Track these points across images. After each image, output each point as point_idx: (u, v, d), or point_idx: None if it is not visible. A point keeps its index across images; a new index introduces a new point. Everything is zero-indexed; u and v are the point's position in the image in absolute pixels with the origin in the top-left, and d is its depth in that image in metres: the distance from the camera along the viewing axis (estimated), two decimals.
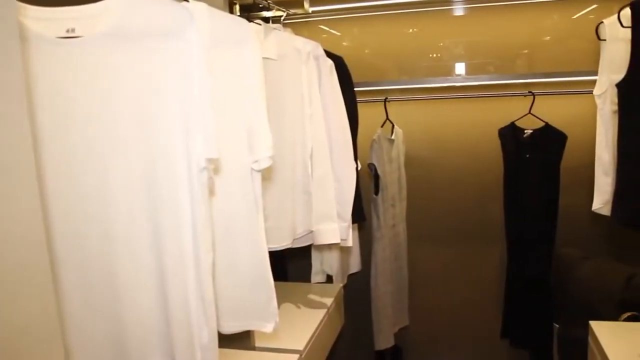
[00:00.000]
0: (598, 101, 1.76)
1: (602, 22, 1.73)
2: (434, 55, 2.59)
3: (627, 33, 1.69)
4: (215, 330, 1.10)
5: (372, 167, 2.26)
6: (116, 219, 1.01)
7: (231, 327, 1.28)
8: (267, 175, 1.58)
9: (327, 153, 1.81)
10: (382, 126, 2.36)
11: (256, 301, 1.29)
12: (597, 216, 2.33)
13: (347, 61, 2.11)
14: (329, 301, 2.00)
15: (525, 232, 2.39)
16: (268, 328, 1.30)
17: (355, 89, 2.15)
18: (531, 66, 2.52)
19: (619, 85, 1.50)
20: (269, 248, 1.30)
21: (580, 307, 2.30)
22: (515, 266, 2.45)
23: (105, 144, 1.00)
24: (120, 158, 1.00)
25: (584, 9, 2.45)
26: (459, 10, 2.55)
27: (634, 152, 1.47)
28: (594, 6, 2.46)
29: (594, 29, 2.35)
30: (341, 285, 2.19)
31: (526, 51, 2.51)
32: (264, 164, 1.24)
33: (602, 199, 1.78)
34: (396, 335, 2.47)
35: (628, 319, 2.02)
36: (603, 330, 1.70)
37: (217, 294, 1.16)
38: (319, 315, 1.87)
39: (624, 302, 2.17)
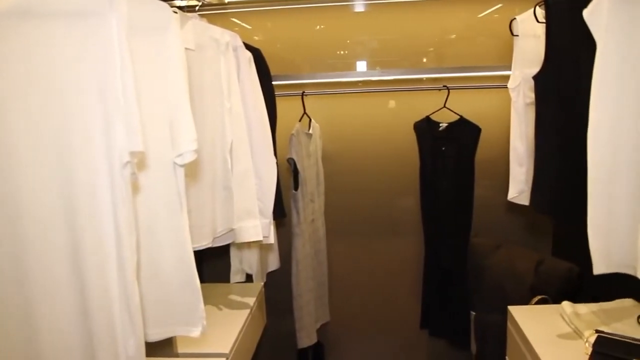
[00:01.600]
0: (512, 94, 1.83)
1: (514, 18, 1.80)
2: (346, 51, 2.59)
3: (538, 29, 1.77)
4: (143, 339, 1.02)
5: (291, 162, 2.22)
6: (27, 219, 0.90)
7: (156, 335, 1.19)
8: (185, 171, 1.50)
9: (247, 148, 1.75)
10: (300, 120, 2.33)
11: (182, 305, 1.21)
12: (511, 205, 2.45)
13: None
14: (251, 301, 1.94)
15: (441, 223, 2.46)
16: (195, 333, 1.23)
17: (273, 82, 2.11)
18: (443, 62, 2.60)
19: (535, 78, 1.57)
20: None
21: (494, 293, 2.40)
22: (433, 257, 2.52)
23: (15, 134, 0.88)
24: (31, 150, 0.89)
25: (489, 8, 2.56)
26: (371, 5, 2.57)
27: (549, 142, 1.54)
28: (499, 5, 2.57)
29: (499, 27, 2.47)
30: (262, 284, 2.14)
31: (433, 48, 2.58)
32: (188, 159, 1.16)
33: (517, 189, 1.86)
34: (318, 331, 2.45)
35: (539, 302, 2.13)
36: (520, 314, 1.78)
37: (140, 299, 1.07)
38: (242, 316, 1.81)
39: (534, 286, 2.29)
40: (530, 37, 1.81)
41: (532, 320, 1.73)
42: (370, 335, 2.81)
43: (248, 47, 1.83)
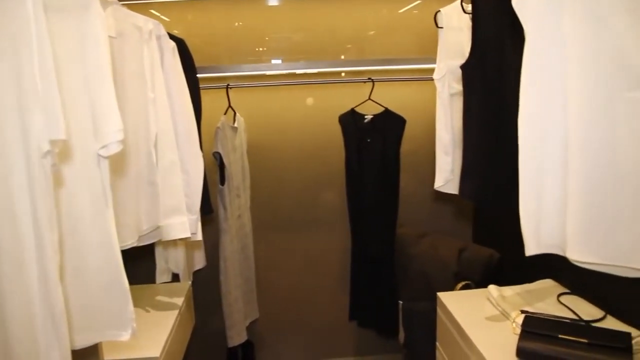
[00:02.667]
0: (438, 85, 1.87)
1: (439, 10, 1.84)
2: (270, 44, 2.55)
3: (461, 21, 1.82)
4: (69, 349, 0.93)
5: (217, 156, 2.15)
6: None
7: (82, 341, 1.10)
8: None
9: (173, 141, 1.67)
10: (225, 114, 2.26)
11: (110, 308, 1.12)
12: (437, 195, 2.50)
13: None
14: (179, 301, 1.86)
15: (367, 214, 2.48)
16: (125, 336, 1.15)
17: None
18: (365, 55, 2.62)
19: (462, 67, 1.61)
20: None
21: (420, 281, 2.45)
22: (360, 249, 2.53)
23: None
24: None
25: (410, 4, 2.60)
26: None
27: (476, 130, 1.58)
28: (418, 2, 2.62)
29: (419, 22, 2.52)
30: (189, 283, 2.05)
31: (356, 42, 2.60)
32: (113, 150, 1.08)
33: (443, 178, 1.90)
34: (247, 329, 2.40)
35: (463, 288, 2.19)
36: (449, 300, 1.82)
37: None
38: (171, 317, 1.72)
39: (458, 273, 2.36)
40: (454, 29, 1.85)
41: (461, 305, 1.77)
42: (300, 330, 2.79)
43: (171, 37, 1.74)
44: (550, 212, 1.19)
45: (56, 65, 0.87)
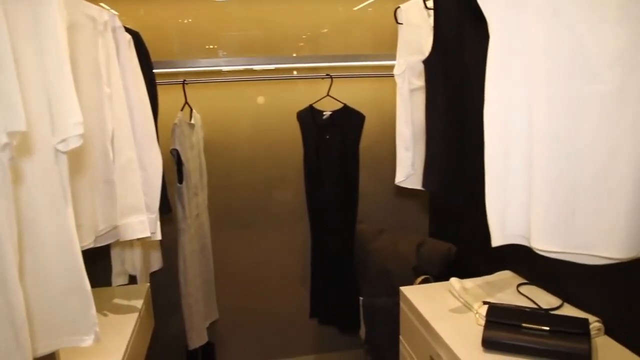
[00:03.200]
0: (398, 80, 1.88)
1: (399, 7, 1.84)
2: (226, 40, 2.50)
3: (420, 18, 1.84)
4: (30, 358, 0.87)
5: (174, 154, 2.09)
6: None
7: (43, 348, 1.04)
8: None
9: (130, 137, 1.61)
10: (181, 110, 2.20)
11: (71, 312, 1.06)
12: (397, 190, 2.52)
13: None
14: (138, 304, 1.79)
15: (327, 211, 2.47)
16: (87, 342, 1.09)
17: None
18: (321, 52, 2.60)
19: (425, 62, 1.62)
20: None
21: (380, 277, 2.46)
22: (320, 246, 2.52)
23: None
24: None
25: (364, 2, 2.61)
26: None
27: (439, 124, 1.59)
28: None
29: (373, 19, 2.53)
30: (148, 284, 1.99)
31: (313, 38, 2.59)
32: (73, 144, 1.02)
33: (404, 173, 1.91)
34: (207, 330, 2.35)
35: (422, 282, 2.22)
36: (412, 294, 1.83)
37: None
38: (130, 320, 1.66)
39: (417, 267, 2.38)
40: (413, 25, 1.86)
41: (424, 299, 1.79)
42: (260, 330, 2.76)
43: (126, 29, 1.68)
44: (515, 203, 1.21)
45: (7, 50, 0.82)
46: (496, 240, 1.25)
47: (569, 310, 1.61)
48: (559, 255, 1.17)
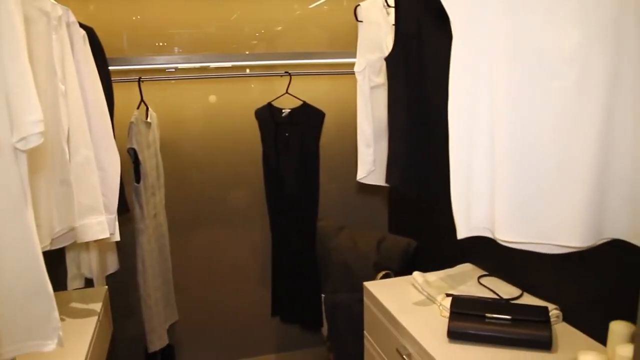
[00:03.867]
0: (359, 77, 1.89)
1: (359, 5, 1.85)
2: (183, 37, 2.46)
3: (379, 15, 1.86)
4: None
5: (131, 153, 2.04)
6: None
7: (5, 354, 0.99)
8: None
9: (87, 136, 1.56)
10: (137, 108, 2.14)
11: (34, 316, 1.02)
12: (358, 187, 2.53)
13: None
14: (97, 307, 1.74)
15: (287, 209, 2.46)
16: (51, 346, 1.05)
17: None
18: (276, 49, 2.59)
19: (386, 59, 1.63)
20: None
21: (341, 273, 2.48)
22: (280, 244, 2.51)
23: None
24: None
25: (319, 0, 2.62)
26: None
27: (401, 120, 1.61)
28: None
29: (330, 17, 2.54)
30: (106, 287, 1.93)
31: (268, 35, 2.58)
32: (33, 142, 0.99)
33: (365, 169, 1.92)
34: (167, 332, 2.30)
35: (383, 277, 2.24)
36: (376, 289, 1.85)
37: None
38: (90, 324, 1.61)
39: (377, 263, 2.41)
40: (373, 23, 1.88)
41: (388, 293, 1.81)
42: (221, 330, 2.73)
43: (80, 25, 1.62)
44: (479, 197, 1.24)
45: None
46: (461, 233, 1.27)
47: (528, 300, 1.66)
48: (521, 246, 1.20)
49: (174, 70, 2.34)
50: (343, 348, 2.51)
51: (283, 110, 2.38)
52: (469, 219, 1.26)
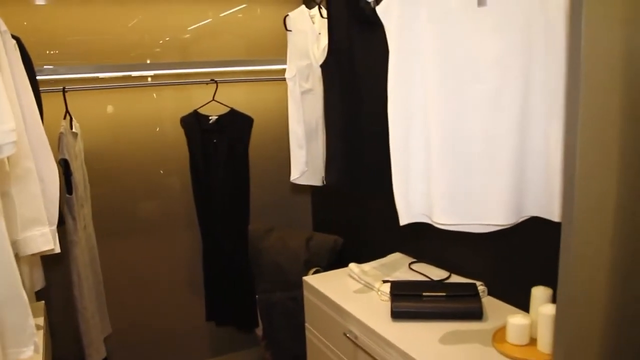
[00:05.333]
0: (289, 83, 1.99)
1: (288, 15, 1.96)
2: (100, 45, 2.42)
3: (305, 24, 1.98)
4: None
5: (62, 163, 2.00)
6: None
7: None
8: None
9: (26, 146, 1.53)
10: (64, 118, 2.11)
11: (11, 323, 1.03)
12: (280, 190, 2.62)
13: None
14: (40, 321, 1.70)
15: (217, 214, 2.50)
16: (27, 353, 1.06)
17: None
18: (189, 57, 2.63)
19: (322, 67, 1.75)
20: None
21: (274, 273, 2.57)
22: (212, 249, 2.55)
23: None
24: None
25: (234, 7, 2.70)
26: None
27: (336, 125, 1.74)
28: (243, 6, 2.73)
29: (242, 24, 2.63)
30: (43, 302, 1.88)
31: (181, 43, 2.62)
32: (7, 152, 1.00)
33: (298, 170, 2.02)
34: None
35: (314, 274, 2.36)
36: (316, 282, 1.97)
37: None
38: (38, 339, 1.57)
39: (307, 260, 2.53)
40: (301, 32, 2.00)
41: (328, 285, 1.93)
42: (155, 340, 2.71)
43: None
44: (418, 187, 1.39)
45: None
46: (403, 220, 1.41)
47: (456, 279, 1.86)
48: (456, 227, 1.36)
49: (100, 78, 2.31)
50: (279, 344, 2.59)
51: (210, 117, 2.43)
52: (409, 207, 1.41)
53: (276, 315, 2.57)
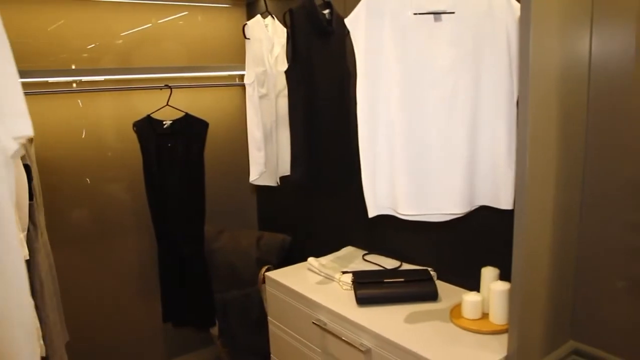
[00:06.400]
0: (248, 89, 2.10)
1: (246, 23, 2.07)
2: (44, 50, 2.41)
3: (262, 33, 2.11)
4: None
5: (25, 168, 1.99)
6: None
7: None
8: None
9: None
10: None
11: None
12: (229, 192, 2.71)
13: None
14: None
15: (173, 217, 2.53)
16: None
17: None
18: (132, 63, 2.65)
19: (286, 73, 1.88)
20: None
21: (228, 272, 2.67)
22: (167, 252, 2.57)
23: None
24: None
25: (175, 14, 2.76)
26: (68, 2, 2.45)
27: (300, 128, 1.87)
28: (185, 13, 2.80)
29: (182, 31, 2.70)
30: None
31: (121, 49, 2.65)
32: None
33: (257, 171, 2.14)
34: None
35: (266, 272, 2.47)
36: (278, 276, 2.09)
37: None
38: None
39: (259, 258, 2.64)
40: (257, 40, 2.11)
41: (290, 279, 2.05)
42: (113, 345, 2.71)
43: None
44: (383, 181, 1.54)
45: None
46: (371, 212, 1.56)
47: (407, 267, 2.04)
48: (418, 217, 1.53)
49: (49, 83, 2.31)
50: (235, 341, 2.69)
51: (164, 122, 2.47)
52: (375, 200, 1.56)
53: (232, 313, 2.67)
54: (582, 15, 1.40)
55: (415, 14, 1.43)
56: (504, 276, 1.52)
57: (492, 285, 1.55)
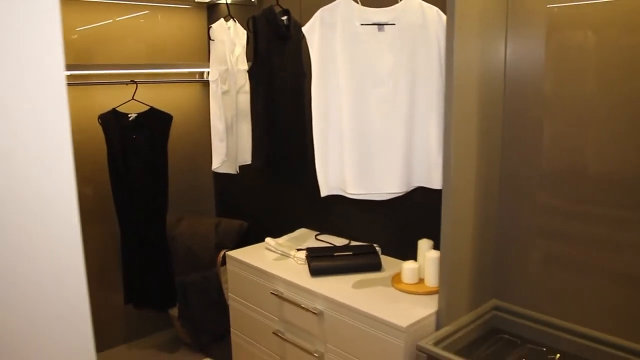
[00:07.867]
0: (212, 85, 2.31)
1: (211, 26, 2.28)
2: None
3: (224, 35, 2.32)
4: None
5: None
6: None
7: None
8: None
9: None
10: None
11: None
12: (186, 182, 2.88)
13: None
14: None
15: (137, 206, 2.68)
16: None
17: None
18: (93, 60, 2.79)
19: (249, 72, 2.10)
20: None
21: (187, 257, 2.85)
22: (130, 238, 2.71)
23: None
24: None
25: (136, 12, 2.92)
26: None
27: (261, 121, 2.11)
28: (146, 12, 2.95)
29: (145, 29, 2.86)
30: None
31: (86, 45, 2.80)
32: None
33: (219, 160, 2.34)
34: None
35: (224, 255, 2.68)
36: (239, 255, 2.29)
37: None
38: None
39: (217, 243, 2.84)
40: (220, 41, 2.32)
41: (250, 257, 2.27)
42: None
43: None
44: (333, 165, 1.80)
45: None
46: (323, 192, 1.81)
47: (356, 244, 2.30)
48: (364, 196, 1.79)
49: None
50: (195, 320, 2.88)
51: (129, 115, 2.62)
52: (327, 181, 1.81)
53: (191, 295, 2.85)
54: (498, 28, 1.70)
55: (362, 24, 1.69)
56: (437, 246, 1.80)
57: (427, 254, 1.84)
